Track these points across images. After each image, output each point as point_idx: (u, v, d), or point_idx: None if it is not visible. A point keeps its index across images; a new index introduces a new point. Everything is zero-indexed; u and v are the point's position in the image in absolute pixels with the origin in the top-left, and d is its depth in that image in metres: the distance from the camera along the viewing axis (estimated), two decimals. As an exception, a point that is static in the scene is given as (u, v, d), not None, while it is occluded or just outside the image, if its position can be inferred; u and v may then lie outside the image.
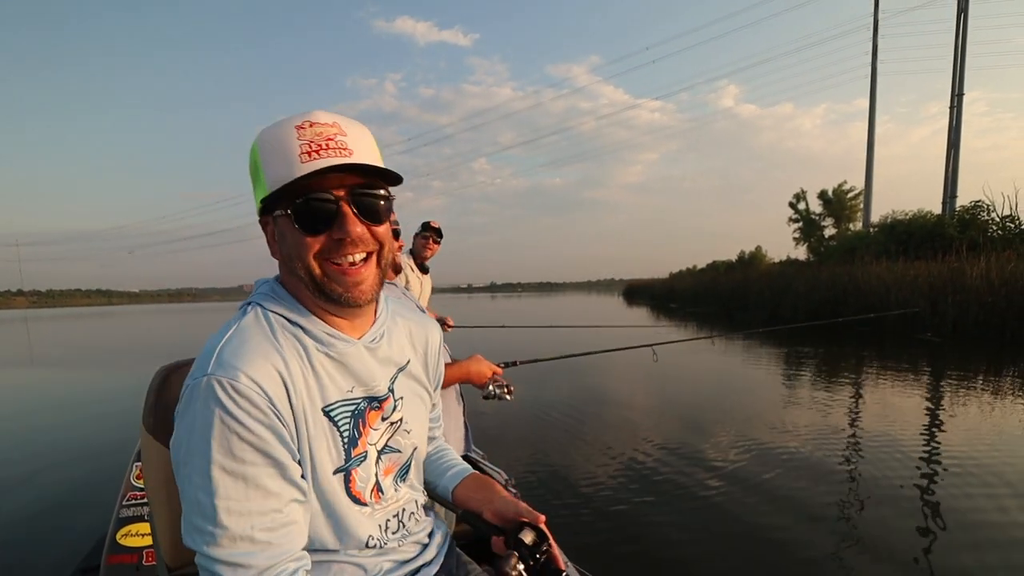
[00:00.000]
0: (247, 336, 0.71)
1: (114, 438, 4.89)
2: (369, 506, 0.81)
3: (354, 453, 0.78)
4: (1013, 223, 15.04)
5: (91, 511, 3.09)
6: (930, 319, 11.59)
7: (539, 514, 0.88)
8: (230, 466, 0.65)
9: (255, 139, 0.74)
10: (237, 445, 0.65)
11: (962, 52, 20.51)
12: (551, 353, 3.07)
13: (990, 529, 2.63)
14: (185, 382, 0.70)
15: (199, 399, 0.66)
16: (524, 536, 0.85)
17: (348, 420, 0.78)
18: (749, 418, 4.88)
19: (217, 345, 0.70)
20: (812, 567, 2.35)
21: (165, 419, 0.95)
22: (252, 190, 0.76)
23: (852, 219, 26.91)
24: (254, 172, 0.74)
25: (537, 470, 3.59)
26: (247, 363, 0.68)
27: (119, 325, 30.16)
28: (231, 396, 0.65)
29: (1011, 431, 4.35)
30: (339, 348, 0.77)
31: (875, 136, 24.28)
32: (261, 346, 0.71)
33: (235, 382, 0.66)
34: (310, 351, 0.75)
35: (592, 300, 47.00)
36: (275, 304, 0.76)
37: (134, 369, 9.91)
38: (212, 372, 0.66)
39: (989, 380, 6.72)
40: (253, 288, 0.82)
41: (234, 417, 0.65)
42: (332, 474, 0.76)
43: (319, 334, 0.76)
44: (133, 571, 1.75)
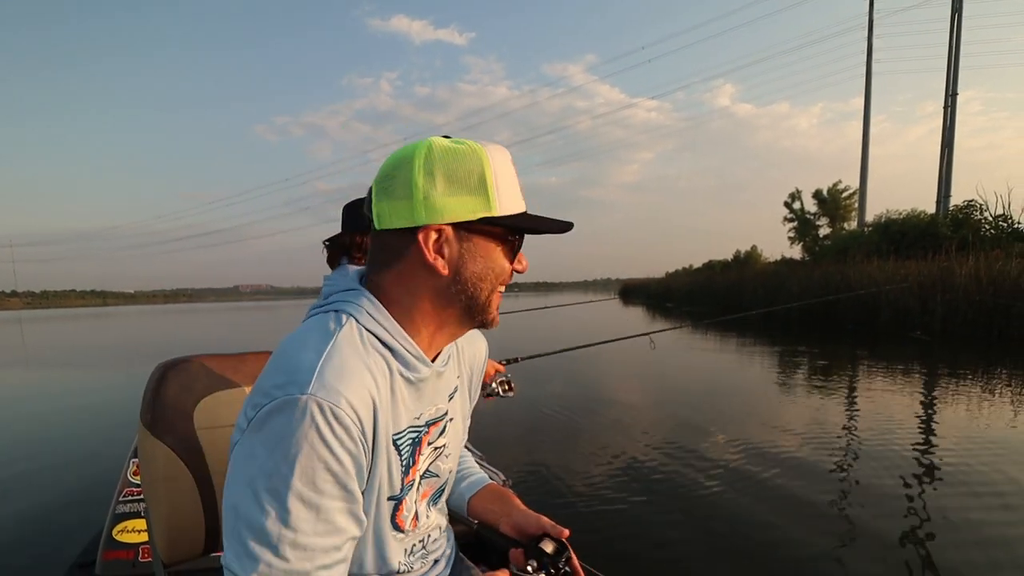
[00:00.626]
0: (347, 355, 0.66)
1: (110, 435, 4.88)
2: (406, 533, 0.79)
3: (406, 481, 0.75)
4: (1006, 222, 15.18)
5: (87, 507, 3.09)
6: (920, 318, 11.74)
7: (563, 528, 0.86)
8: (308, 496, 0.60)
9: (477, 147, 0.70)
10: (321, 475, 0.61)
11: (956, 52, 20.62)
12: (550, 348, 3.08)
13: (979, 525, 2.68)
14: (265, 389, 0.63)
15: (293, 418, 0.60)
16: (544, 546, 0.84)
17: (409, 448, 0.75)
18: (743, 415, 4.94)
19: (317, 361, 0.63)
20: (797, 555, 2.42)
21: (163, 416, 0.96)
22: (433, 191, 0.68)
23: (847, 218, 27.03)
24: (474, 182, 0.69)
25: (534, 469, 3.62)
26: (349, 388, 0.63)
27: (114, 326, 30.03)
28: (329, 423, 0.61)
29: (997, 426, 4.45)
30: (421, 373, 0.74)
31: (870, 136, 24.39)
32: (360, 368, 0.66)
33: (336, 408, 0.61)
34: (394, 375, 0.71)
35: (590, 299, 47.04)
36: (369, 321, 0.71)
37: (130, 368, 9.92)
38: (314, 392, 0.61)
39: (977, 377, 6.81)
40: (326, 287, 0.77)
41: (327, 445, 0.61)
42: (386, 501, 0.74)
43: (408, 357, 0.72)
44: (129, 567, 1.75)
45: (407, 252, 0.71)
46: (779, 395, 6.01)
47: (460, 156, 0.69)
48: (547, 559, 0.82)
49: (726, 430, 4.48)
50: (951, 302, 11.28)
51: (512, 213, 0.72)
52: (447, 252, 0.70)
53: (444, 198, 0.68)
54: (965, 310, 11.03)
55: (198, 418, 0.99)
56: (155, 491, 0.95)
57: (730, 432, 4.43)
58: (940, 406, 5.30)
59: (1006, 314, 10.44)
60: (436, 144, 0.69)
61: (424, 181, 0.68)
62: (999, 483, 3.20)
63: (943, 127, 20.92)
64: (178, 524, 0.95)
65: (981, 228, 15.40)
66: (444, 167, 0.68)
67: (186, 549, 0.97)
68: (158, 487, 0.95)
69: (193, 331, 22.58)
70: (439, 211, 0.68)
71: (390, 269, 0.73)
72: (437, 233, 0.69)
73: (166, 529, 0.95)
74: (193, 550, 0.99)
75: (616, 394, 6.39)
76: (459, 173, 0.68)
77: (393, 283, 0.73)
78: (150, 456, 0.95)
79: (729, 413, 5.15)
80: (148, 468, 0.96)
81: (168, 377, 0.99)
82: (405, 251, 0.71)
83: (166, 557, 0.96)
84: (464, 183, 0.69)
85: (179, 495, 0.95)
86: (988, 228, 15.38)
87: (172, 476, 0.95)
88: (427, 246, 0.69)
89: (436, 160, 0.68)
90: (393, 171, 0.70)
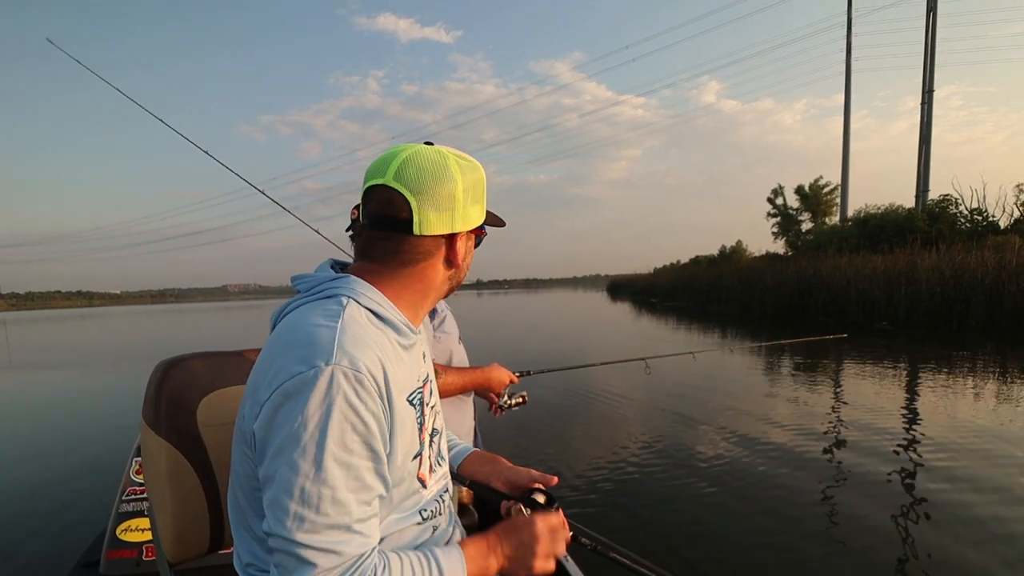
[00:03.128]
0: (358, 328, 0.73)
1: (112, 434, 4.91)
2: (427, 487, 0.85)
3: (422, 438, 0.82)
4: (980, 215, 15.54)
5: (91, 507, 3.12)
6: (885, 309, 12.33)
7: (551, 476, 0.96)
8: (341, 456, 0.66)
9: (476, 164, 0.84)
10: (350, 437, 0.67)
11: (932, 49, 21.04)
12: (561, 363, 3.07)
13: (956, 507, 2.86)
14: (286, 368, 0.68)
15: (321, 387, 0.66)
16: (536, 497, 0.91)
17: (419, 407, 0.82)
18: (731, 410, 5.06)
19: (333, 335, 0.70)
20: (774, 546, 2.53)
21: (166, 413, 0.95)
22: (467, 203, 0.82)
23: (828, 213, 27.42)
24: (480, 192, 0.85)
25: (541, 461, 3.71)
26: (367, 356, 0.70)
27: (102, 327, 29.75)
28: (356, 388, 0.67)
29: (949, 405, 4.89)
30: (412, 339, 0.83)
31: (851, 132, 24.82)
32: (370, 339, 0.73)
33: (359, 373, 0.68)
34: (393, 344, 0.79)
35: (578, 296, 47.40)
36: (367, 300, 0.78)
37: (128, 367, 9.97)
38: (338, 362, 0.67)
39: (931, 364, 7.34)
40: (309, 280, 0.82)
41: (354, 409, 0.67)
42: (411, 460, 0.79)
43: (401, 327, 0.80)
44: (133, 566, 1.76)
45: (436, 251, 0.82)
46: (763, 389, 6.19)
47: (473, 169, 0.83)
48: (539, 508, 0.89)
49: (713, 422, 4.65)
50: (914, 294, 11.89)
51: (489, 216, 0.90)
52: (462, 250, 0.84)
53: (470, 208, 0.82)
54: (927, 301, 11.63)
55: (200, 415, 0.99)
56: (159, 489, 0.94)
57: (717, 424, 4.61)
58: (891, 390, 5.70)
59: (965, 304, 11.05)
60: (461, 160, 0.82)
61: (463, 196, 0.80)
62: (957, 458, 3.54)
63: (920, 123, 21.38)
64: (182, 522, 0.95)
65: (957, 222, 15.77)
66: (469, 183, 0.82)
67: (191, 547, 0.97)
68: (162, 485, 0.94)
69: (180, 331, 22.47)
70: (468, 220, 0.83)
71: (405, 265, 0.81)
72: (466, 237, 0.85)
73: (170, 527, 0.94)
74: (198, 548, 0.98)
75: (618, 399, 6.49)
76: (476, 187, 0.83)
77: (408, 276, 0.82)
78: (153, 454, 0.95)
79: (715, 405, 5.29)
80: (151, 466, 0.95)
81: (169, 375, 0.99)
82: (435, 251, 0.82)
83: (171, 555, 0.95)
84: (476, 195, 0.83)
85: (183, 493, 0.95)
86: (963, 222, 15.74)
87: (175, 474, 0.94)
88: (456, 248, 0.83)
89: (468, 179, 0.81)
90: (433, 185, 0.78)
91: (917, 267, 12.11)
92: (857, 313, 12.99)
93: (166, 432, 0.94)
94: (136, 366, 9.94)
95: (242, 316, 33.87)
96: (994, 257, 11.13)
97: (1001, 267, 10.79)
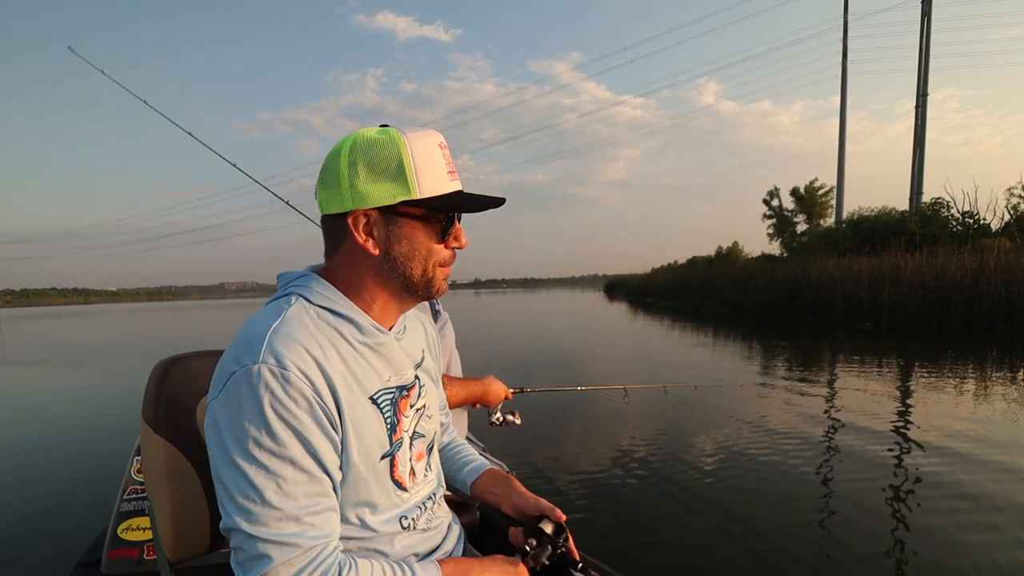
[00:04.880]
0: (295, 327, 0.73)
1: (113, 432, 4.93)
2: (408, 491, 0.85)
3: (394, 439, 0.82)
4: (971, 218, 15.70)
5: (92, 506, 3.11)
6: (870, 310, 12.65)
7: (559, 510, 0.92)
8: (279, 451, 0.67)
9: (397, 136, 0.76)
10: (285, 432, 0.68)
11: (926, 54, 21.23)
12: (558, 382, 2.93)
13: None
14: (226, 366, 0.71)
15: (248, 385, 0.68)
16: (544, 526, 0.89)
17: (389, 408, 0.81)
18: (723, 410, 5.10)
19: (265, 333, 0.71)
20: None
21: (165, 412, 0.96)
22: (357, 179, 0.75)
23: (823, 215, 27.63)
24: (393, 169, 0.75)
25: (534, 460, 3.70)
26: (297, 354, 0.70)
27: (99, 324, 29.72)
28: (282, 385, 0.68)
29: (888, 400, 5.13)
30: (379, 339, 0.81)
31: (848, 134, 24.91)
32: (308, 337, 0.73)
33: (286, 371, 0.68)
34: (353, 343, 0.78)
35: (575, 296, 47.51)
36: (319, 297, 0.78)
37: (127, 366, 10.01)
38: (264, 360, 0.68)
39: (908, 363, 7.62)
40: (281, 281, 0.84)
41: (284, 405, 0.68)
42: (379, 460, 0.80)
43: (365, 325, 0.80)
44: (135, 565, 1.75)
45: (345, 235, 0.78)
46: (755, 389, 6.26)
47: (379, 145, 0.75)
48: (547, 538, 0.87)
49: (703, 419, 4.79)
50: (897, 296, 12.21)
51: (437, 194, 0.77)
52: (376, 234, 0.78)
53: (366, 185, 0.75)
54: (910, 303, 11.95)
55: (200, 414, 0.98)
56: (159, 488, 0.95)
57: (714, 415, 4.76)
58: (870, 388, 5.93)
59: (946, 306, 11.37)
60: (360, 136, 0.77)
61: (348, 171, 0.75)
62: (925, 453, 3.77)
63: (915, 126, 21.58)
64: (183, 521, 0.95)
65: (949, 224, 15.93)
66: (365, 157, 0.75)
67: (191, 546, 0.97)
68: (162, 484, 0.94)
69: (178, 329, 22.49)
70: (364, 197, 0.75)
71: (336, 252, 0.81)
72: (365, 217, 0.77)
73: (171, 526, 0.95)
74: (199, 547, 0.98)
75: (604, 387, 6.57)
76: (378, 161, 0.75)
77: (340, 264, 0.81)
78: (153, 453, 0.95)
79: (706, 404, 5.35)
80: (151, 465, 0.96)
81: (169, 374, 0.99)
82: (343, 235, 0.79)
83: (171, 554, 0.96)
84: (383, 170, 0.75)
85: (183, 492, 0.95)
86: (955, 224, 15.91)
87: (176, 473, 0.95)
88: (357, 229, 0.77)
89: (359, 151, 0.75)
90: (328, 163, 0.78)
91: (900, 270, 12.44)
92: (843, 314, 13.33)
93: (166, 431, 0.95)
94: (136, 364, 10.03)
95: (240, 314, 33.82)
96: (974, 260, 11.43)
97: (980, 270, 11.08)
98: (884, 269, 12.83)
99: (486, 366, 2.01)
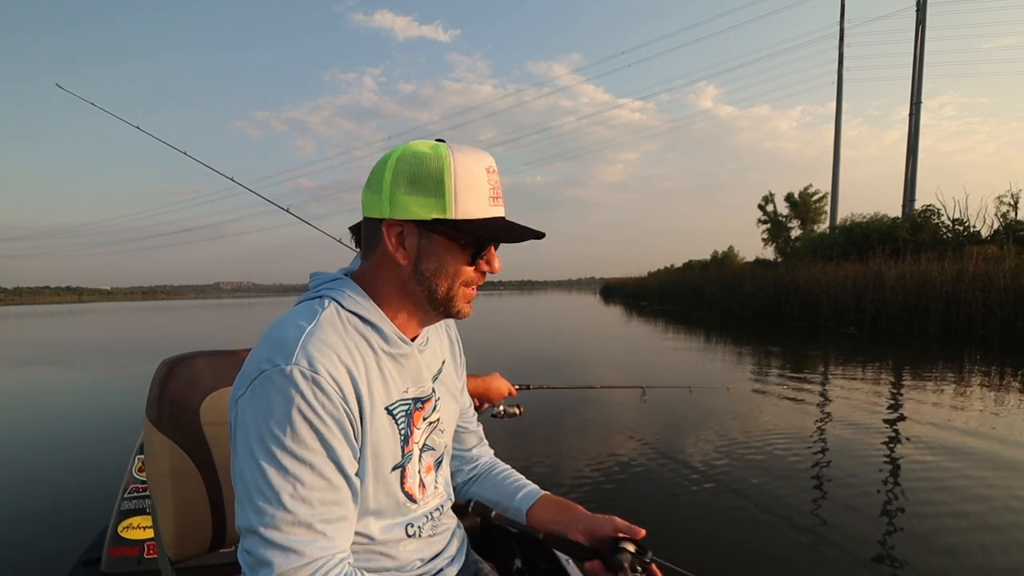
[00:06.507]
0: (328, 331, 0.73)
1: (113, 431, 4.96)
2: (418, 503, 0.85)
3: (406, 450, 0.82)
4: (962, 226, 15.90)
5: (92, 504, 3.11)
6: (854, 315, 13.01)
7: (638, 528, 0.86)
8: (301, 454, 0.67)
9: (444, 153, 0.75)
10: (310, 435, 0.67)
11: (920, 62, 21.48)
12: (561, 381, 2.89)
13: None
14: (256, 364, 0.71)
15: (279, 385, 0.68)
16: (627, 547, 0.82)
17: (404, 419, 0.81)
18: (713, 411, 5.20)
19: (300, 334, 0.72)
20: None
21: (169, 411, 0.97)
22: (398, 189, 0.76)
23: (817, 220, 27.86)
24: (433, 185, 0.75)
25: (535, 458, 3.75)
26: (329, 360, 0.70)
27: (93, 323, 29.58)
28: (312, 388, 0.68)
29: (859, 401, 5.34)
30: (402, 349, 0.81)
31: (844, 140, 25.29)
32: (340, 344, 0.73)
33: (317, 375, 0.68)
34: (377, 351, 0.78)
35: (572, 299, 47.64)
36: (351, 302, 0.78)
37: (125, 366, 10.02)
38: (297, 362, 0.68)
39: (889, 366, 7.94)
40: (313, 281, 0.84)
41: (312, 409, 0.68)
42: (391, 471, 0.80)
43: (390, 335, 0.80)
44: (135, 564, 1.76)
45: (379, 241, 0.79)
46: (747, 392, 6.35)
47: (424, 159, 0.75)
48: (635, 560, 0.81)
49: (695, 416, 4.92)
50: (880, 301, 12.59)
51: (473, 217, 0.76)
52: (408, 245, 0.78)
53: (405, 197, 0.75)
54: (891, 308, 12.33)
55: (204, 414, 1.00)
56: (161, 487, 0.95)
57: (699, 418, 4.85)
58: (841, 391, 6.23)
59: (926, 311, 11.71)
60: (410, 148, 0.77)
61: (392, 180, 0.76)
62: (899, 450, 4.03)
63: (908, 134, 21.83)
64: (184, 520, 0.96)
65: (939, 232, 16.13)
66: (409, 169, 0.75)
67: (193, 545, 0.98)
68: (164, 483, 0.95)
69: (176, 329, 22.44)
70: (401, 208, 0.75)
71: (371, 256, 0.82)
72: (400, 227, 0.77)
73: (172, 525, 0.95)
74: (200, 546, 0.99)
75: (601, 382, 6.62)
76: (420, 175, 0.75)
77: (372, 269, 0.82)
78: (156, 452, 0.96)
79: (698, 404, 5.45)
80: (154, 464, 0.96)
81: (173, 373, 1.00)
82: (378, 240, 0.79)
83: (172, 553, 0.96)
84: (423, 185, 0.75)
85: (186, 491, 0.96)
86: (945, 231, 16.11)
87: (178, 472, 0.96)
88: (389, 238, 0.77)
89: (405, 161, 0.76)
90: (376, 168, 0.79)
91: (884, 276, 12.79)
92: (828, 318, 13.70)
93: (169, 430, 0.96)
94: (134, 364, 10.06)
95: (235, 314, 33.79)
96: (954, 267, 11.76)
97: (959, 277, 11.41)
98: (868, 275, 13.19)
99: (487, 364, 2.05)
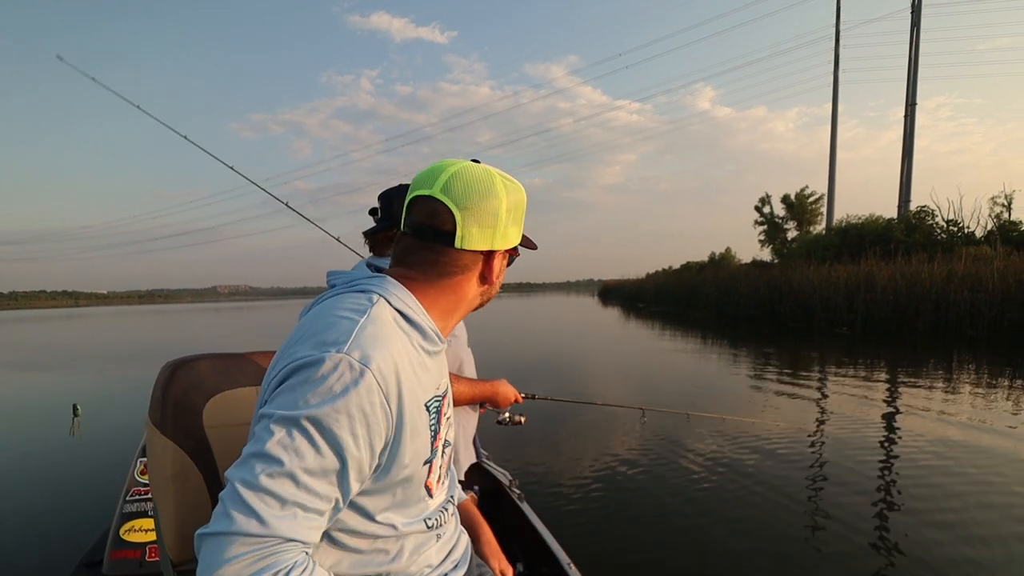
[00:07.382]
0: (380, 326, 0.73)
1: (115, 434, 4.99)
2: (433, 496, 0.87)
3: (435, 445, 0.83)
4: (956, 226, 15.98)
5: (94, 507, 3.12)
6: (846, 316, 13.21)
7: (508, 566, 0.98)
8: (315, 437, 0.65)
9: (515, 188, 0.86)
10: (335, 424, 0.66)
11: (915, 64, 21.62)
12: (563, 391, 2.87)
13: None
14: (302, 350, 0.69)
15: (324, 369, 0.67)
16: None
17: (435, 415, 0.82)
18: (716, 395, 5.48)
19: (354, 326, 0.71)
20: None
21: (172, 414, 0.96)
22: (510, 223, 0.84)
23: (813, 222, 27.94)
24: (520, 215, 0.87)
25: (536, 468, 3.75)
26: (381, 356, 0.70)
27: (92, 327, 29.50)
28: (356, 381, 0.67)
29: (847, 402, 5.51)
30: (438, 347, 0.84)
31: (841, 142, 25.39)
32: (389, 340, 0.73)
33: (367, 369, 0.68)
34: (417, 348, 0.79)
35: (570, 301, 47.64)
36: (397, 301, 0.79)
37: (125, 369, 10.05)
38: (349, 352, 0.68)
39: (881, 365, 8.11)
40: (346, 276, 0.84)
41: (348, 400, 0.66)
42: (423, 465, 0.80)
43: (429, 332, 0.81)
44: (136, 567, 1.76)
45: (473, 266, 0.83)
46: (744, 389, 6.57)
47: (518, 192, 0.86)
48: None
49: (707, 407, 5.04)
50: (871, 302, 12.78)
51: (524, 239, 0.92)
52: (497, 267, 0.86)
53: (509, 228, 0.84)
54: (882, 309, 12.51)
55: (207, 416, 0.99)
56: (164, 489, 0.95)
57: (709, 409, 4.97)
58: (832, 388, 6.38)
59: (916, 311, 11.89)
60: (507, 180, 0.85)
61: (506, 215, 0.83)
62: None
63: (903, 136, 21.95)
64: (187, 523, 0.94)
65: (934, 232, 16.21)
66: (512, 203, 0.84)
67: (195, 548, 1.01)
68: (167, 485, 0.94)
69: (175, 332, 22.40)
70: (507, 239, 0.85)
71: (446, 276, 0.83)
72: (502, 256, 0.87)
73: (175, 528, 0.94)
74: None
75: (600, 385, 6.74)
76: (518, 208, 0.86)
77: (442, 283, 0.83)
78: (159, 454, 0.95)
79: (691, 400, 5.65)
80: (157, 466, 0.96)
81: (177, 376, 0.99)
82: (472, 266, 0.83)
83: (175, 556, 0.95)
84: (517, 216, 0.86)
85: (188, 493, 0.95)
86: (940, 232, 16.19)
87: (181, 474, 0.95)
88: (492, 265, 0.85)
89: (510, 196, 0.84)
90: (482, 203, 0.80)
91: (875, 277, 12.95)
92: (821, 319, 13.87)
93: (172, 433, 0.95)
94: (135, 368, 10.09)
95: (233, 318, 33.72)
96: (944, 268, 11.91)
97: (948, 278, 11.56)
98: (860, 276, 13.34)
99: (489, 371, 2.06)
